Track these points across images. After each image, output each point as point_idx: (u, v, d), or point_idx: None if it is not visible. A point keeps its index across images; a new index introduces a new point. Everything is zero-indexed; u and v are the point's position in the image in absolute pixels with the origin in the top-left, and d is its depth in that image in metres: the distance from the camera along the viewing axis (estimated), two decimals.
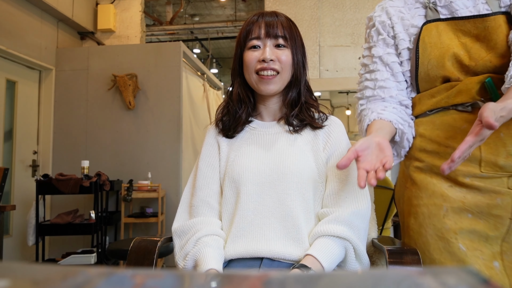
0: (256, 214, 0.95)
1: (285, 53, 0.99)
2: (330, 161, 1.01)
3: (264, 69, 0.98)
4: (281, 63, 0.99)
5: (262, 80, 0.99)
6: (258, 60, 0.99)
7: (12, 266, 0.26)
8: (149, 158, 3.74)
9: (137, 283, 0.23)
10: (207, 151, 1.07)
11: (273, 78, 0.99)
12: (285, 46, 1.00)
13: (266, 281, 0.24)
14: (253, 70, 1.00)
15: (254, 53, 1.00)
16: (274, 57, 0.98)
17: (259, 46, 1.00)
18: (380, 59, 1.08)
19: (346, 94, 8.33)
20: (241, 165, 0.99)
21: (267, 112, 1.07)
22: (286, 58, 0.99)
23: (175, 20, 6.05)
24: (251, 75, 1.01)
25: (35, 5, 3.59)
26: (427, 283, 0.23)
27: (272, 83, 0.99)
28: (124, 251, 2.23)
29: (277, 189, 0.95)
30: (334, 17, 4.60)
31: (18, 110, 3.58)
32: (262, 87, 1.00)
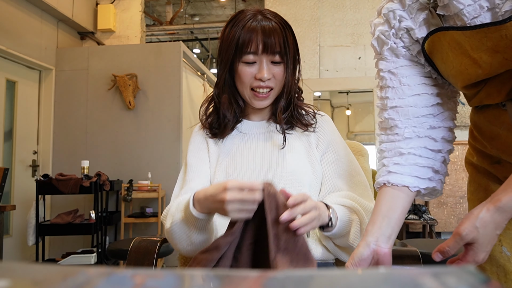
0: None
1: (279, 69, 0.97)
2: (325, 157, 1.01)
3: (260, 87, 0.96)
4: (275, 79, 0.97)
5: (256, 97, 0.98)
6: (255, 78, 0.96)
7: (12, 266, 0.26)
8: (149, 158, 3.74)
9: (137, 283, 0.23)
10: (196, 148, 1.06)
11: (268, 96, 0.98)
12: (280, 62, 0.97)
13: (266, 281, 0.24)
14: (248, 85, 0.97)
15: (250, 69, 0.96)
16: (271, 75, 0.96)
17: (255, 62, 0.96)
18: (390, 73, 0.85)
19: (346, 94, 8.32)
20: (233, 170, 0.98)
21: (255, 114, 1.07)
22: (279, 73, 0.97)
23: (175, 20, 6.05)
24: (245, 90, 0.98)
25: (35, 5, 3.59)
26: (427, 283, 0.23)
27: (266, 100, 0.99)
28: (124, 251, 2.23)
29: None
30: (334, 17, 4.60)
31: (18, 110, 3.58)
32: (256, 103, 0.99)
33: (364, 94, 4.83)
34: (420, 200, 3.98)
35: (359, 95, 7.86)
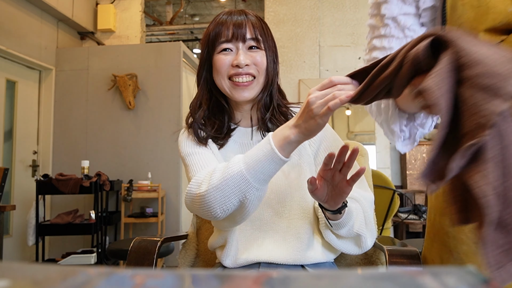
0: (255, 229, 0.93)
1: (259, 54, 0.91)
2: (318, 156, 0.97)
3: (239, 75, 0.89)
4: (257, 66, 0.90)
5: (236, 87, 0.90)
6: (232, 65, 0.89)
7: (12, 266, 0.26)
8: (149, 158, 3.74)
9: (137, 283, 0.23)
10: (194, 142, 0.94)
11: (250, 84, 0.90)
12: (258, 48, 0.91)
13: (266, 281, 0.24)
14: (225, 75, 0.90)
15: (226, 57, 0.90)
16: (249, 61, 0.90)
17: (230, 49, 0.91)
18: (394, 21, 0.77)
19: None
20: None
21: (244, 118, 0.99)
22: (261, 60, 0.91)
23: (175, 20, 6.05)
24: (223, 81, 0.91)
25: (35, 5, 3.59)
26: (427, 283, 0.23)
27: (247, 90, 0.90)
28: (124, 251, 2.23)
29: (272, 203, 0.92)
30: (334, 17, 4.60)
31: (18, 110, 3.58)
32: (237, 95, 0.91)
33: None
34: (420, 200, 3.98)
35: None
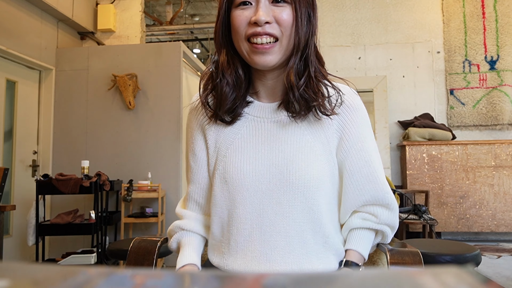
0: (255, 228, 0.79)
1: (285, 11, 0.75)
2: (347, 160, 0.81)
3: (258, 35, 0.74)
4: (280, 25, 0.75)
5: (255, 51, 0.75)
6: (250, 23, 0.75)
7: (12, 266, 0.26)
8: (149, 158, 3.74)
9: (137, 283, 0.23)
10: (193, 140, 0.89)
11: (271, 48, 0.75)
12: (284, 1, 0.75)
13: (266, 282, 0.24)
14: (243, 36, 0.76)
15: (244, 13, 0.75)
16: (270, 18, 0.74)
17: (250, 2, 0.76)
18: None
19: None
20: (235, 165, 0.80)
21: (265, 89, 0.84)
22: (286, 18, 0.75)
23: (175, 20, 6.05)
24: (241, 43, 0.77)
25: (35, 5, 3.59)
26: (427, 283, 0.23)
27: (269, 54, 0.75)
28: (124, 251, 2.23)
29: (280, 199, 0.78)
30: (334, 17, 4.60)
31: (18, 110, 3.58)
32: (256, 60, 0.76)
33: (364, 94, 4.82)
34: (420, 200, 3.98)
35: (359, 95, 7.85)
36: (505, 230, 3.95)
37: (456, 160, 4.06)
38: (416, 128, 4.16)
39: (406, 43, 4.49)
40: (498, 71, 4.31)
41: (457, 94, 4.38)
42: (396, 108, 4.45)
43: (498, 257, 3.42)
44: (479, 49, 4.36)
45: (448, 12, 4.43)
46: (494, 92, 4.30)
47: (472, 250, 1.75)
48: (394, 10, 4.51)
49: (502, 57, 4.31)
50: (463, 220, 4.00)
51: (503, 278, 2.78)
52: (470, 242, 3.82)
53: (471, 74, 4.36)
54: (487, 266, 3.11)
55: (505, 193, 3.97)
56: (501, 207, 3.97)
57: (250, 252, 0.80)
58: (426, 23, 4.48)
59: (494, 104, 4.28)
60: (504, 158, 4.01)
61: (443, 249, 1.78)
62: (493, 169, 4.01)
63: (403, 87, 4.47)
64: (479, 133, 4.34)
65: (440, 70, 4.44)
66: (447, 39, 4.42)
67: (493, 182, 3.99)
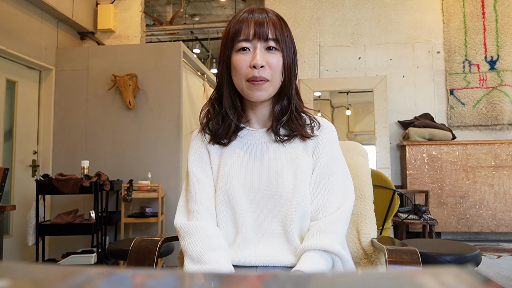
0: (256, 233, 0.94)
1: (276, 57, 0.92)
2: (314, 171, 0.97)
3: (255, 80, 0.92)
4: (271, 69, 0.92)
5: (252, 86, 0.92)
6: (249, 66, 0.91)
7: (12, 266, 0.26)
8: (149, 158, 3.74)
9: (137, 283, 0.23)
10: (197, 156, 1.01)
11: (263, 85, 0.92)
12: (276, 49, 0.93)
13: (266, 281, 0.24)
14: (243, 76, 0.92)
15: (244, 57, 0.92)
16: (265, 63, 0.91)
17: (248, 48, 0.92)
18: None
19: (346, 94, 8.32)
20: (233, 179, 0.95)
21: (256, 119, 1.01)
22: (276, 63, 0.92)
23: (175, 20, 6.05)
24: (241, 82, 0.93)
25: (35, 5, 3.59)
26: (427, 283, 0.23)
27: (262, 90, 0.92)
28: (124, 251, 2.23)
29: (272, 207, 0.93)
30: (334, 17, 4.60)
31: (18, 110, 3.58)
32: (252, 94, 0.93)
33: (364, 94, 4.82)
34: (420, 200, 3.98)
35: (359, 95, 7.85)
36: (505, 230, 3.95)
37: (456, 160, 4.06)
38: (416, 128, 4.16)
39: (406, 43, 4.49)
40: (498, 71, 4.31)
41: (457, 94, 4.38)
42: (396, 108, 4.46)
43: (498, 257, 3.42)
44: (479, 49, 4.36)
45: (448, 12, 4.43)
46: (494, 92, 4.30)
47: (472, 250, 1.75)
48: (394, 10, 4.51)
49: (502, 57, 4.31)
50: (463, 220, 4.00)
51: (503, 278, 2.78)
52: (470, 242, 3.82)
53: (471, 74, 4.36)
54: (487, 266, 3.11)
55: (505, 193, 3.97)
56: (501, 207, 3.97)
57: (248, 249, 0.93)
58: (426, 23, 4.48)
59: (494, 104, 4.28)
60: (504, 158, 4.01)
61: (443, 249, 1.78)
62: (493, 169, 4.01)
63: (403, 87, 4.47)
64: (479, 133, 4.34)
65: (440, 70, 4.44)
66: (447, 39, 4.42)
67: (493, 182, 3.99)
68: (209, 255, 0.87)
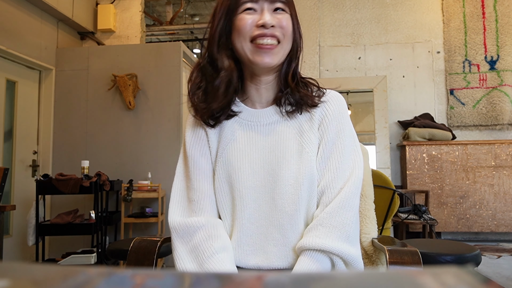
0: (253, 223, 0.86)
1: (285, 17, 0.83)
2: (320, 146, 0.87)
3: (264, 36, 0.81)
4: (282, 29, 0.82)
5: (259, 50, 0.81)
6: (256, 26, 0.81)
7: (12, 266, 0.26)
8: (149, 158, 3.74)
9: (137, 283, 0.23)
10: (195, 138, 0.92)
11: (274, 48, 0.82)
12: (284, 11, 0.84)
13: (266, 281, 0.24)
14: (247, 37, 0.82)
15: (250, 16, 0.81)
16: (275, 23, 0.81)
17: (254, 9, 0.82)
18: None
19: (346, 94, 8.33)
20: (233, 165, 0.87)
21: (258, 95, 0.90)
22: (287, 24, 0.83)
23: (175, 20, 6.05)
24: (244, 44, 0.82)
25: (35, 5, 3.59)
26: (427, 283, 0.23)
27: (272, 54, 0.82)
28: (124, 251, 2.23)
29: (273, 194, 0.85)
30: (334, 17, 4.60)
31: (18, 110, 3.58)
32: (259, 59, 0.82)
33: (364, 94, 4.82)
34: (420, 200, 3.98)
35: (359, 95, 7.86)
36: (505, 230, 3.95)
37: (456, 160, 4.06)
38: (416, 128, 4.16)
39: (406, 43, 4.49)
40: (498, 71, 4.31)
41: (457, 94, 4.38)
42: (396, 108, 4.45)
43: (498, 257, 3.42)
44: (479, 49, 4.36)
45: (448, 12, 4.43)
46: (494, 92, 4.30)
47: (472, 250, 1.75)
48: (394, 10, 4.51)
49: (502, 57, 4.31)
50: (463, 220, 4.00)
51: (503, 278, 2.78)
52: (470, 242, 3.82)
53: (471, 74, 4.36)
54: (487, 266, 3.11)
55: (505, 193, 3.97)
56: (501, 207, 3.97)
57: (248, 246, 0.86)
58: (426, 23, 4.48)
59: (494, 104, 4.28)
60: (504, 158, 4.01)
61: (443, 249, 1.78)
62: (493, 169, 4.01)
63: (403, 87, 4.47)
64: (479, 133, 4.34)
65: (440, 70, 4.44)
66: (447, 39, 4.42)
67: (493, 182, 3.99)
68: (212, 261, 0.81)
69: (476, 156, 4.04)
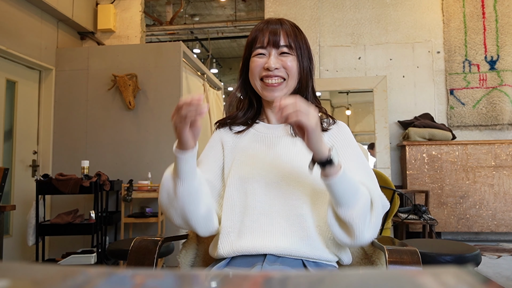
0: (262, 213, 0.95)
1: (289, 59, 1.00)
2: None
3: (269, 77, 0.99)
4: (286, 70, 1.00)
5: (266, 88, 1.01)
6: (263, 68, 1.00)
7: (12, 266, 0.26)
8: (149, 158, 3.74)
9: (137, 283, 0.23)
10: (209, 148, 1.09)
11: (279, 86, 1.00)
12: (289, 54, 1.01)
13: (266, 281, 0.24)
14: (257, 76, 1.01)
15: (260, 60, 1.01)
16: (279, 65, 0.99)
17: (264, 54, 1.01)
18: None
19: (346, 94, 8.32)
20: (249, 165, 1.00)
21: (272, 115, 1.08)
22: (291, 65, 1.00)
23: (175, 20, 6.05)
24: (256, 81, 1.02)
25: (35, 5, 3.59)
26: (427, 283, 0.23)
27: (277, 91, 1.00)
28: (124, 251, 2.23)
29: (282, 189, 0.96)
30: (334, 17, 4.60)
31: (18, 110, 3.58)
32: (267, 94, 1.01)
33: (364, 94, 4.83)
34: (420, 200, 3.98)
35: (359, 95, 7.86)
36: (505, 230, 3.95)
37: (456, 160, 4.06)
38: (416, 128, 4.16)
39: (406, 43, 4.49)
40: (498, 71, 4.31)
41: (457, 94, 4.38)
42: (396, 108, 4.45)
43: (498, 257, 3.42)
44: (479, 49, 4.36)
45: (448, 12, 4.43)
46: (494, 92, 4.30)
47: (472, 250, 1.75)
48: (394, 10, 4.51)
49: (502, 57, 4.31)
50: (463, 220, 4.00)
51: (503, 278, 2.78)
52: (470, 242, 3.82)
53: (471, 74, 4.36)
54: (487, 266, 3.11)
55: (505, 193, 3.97)
56: (501, 207, 3.97)
57: (257, 232, 0.94)
58: (426, 23, 4.48)
59: (494, 104, 4.28)
60: (504, 158, 4.01)
61: (443, 249, 1.78)
62: (493, 169, 4.01)
63: (403, 87, 4.47)
64: (479, 133, 4.34)
65: (440, 70, 4.44)
66: (447, 39, 4.42)
67: (493, 182, 3.99)
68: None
69: (476, 156, 4.04)
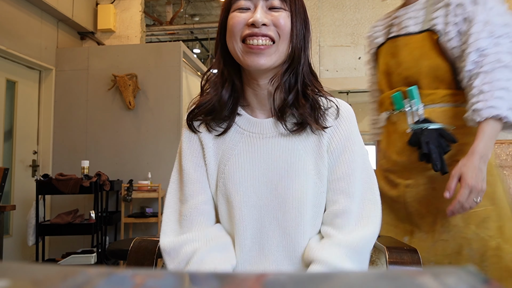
0: (255, 243, 0.80)
1: (282, 15, 0.75)
2: (335, 171, 0.80)
3: (254, 36, 0.73)
4: (278, 28, 0.74)
5: (249, 51, 0.74)
6: (247, 24, 0.74)
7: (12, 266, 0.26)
8: (149, 158, 3.74)
9: (137, 283, 0.23)
10: (189, 150, 0.86)
11: (266, 49, 0.74)
12: (282, 8, 0.75)
13: (266, 281, 0.24)
14: (238, 36, 0.75)
15: (241, 15, 0.75)
16: (268, 21, 0.74)
17: (247, 7, 0.75)
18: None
19: (346, 94, 8.33)
20: (234, 182, 0.80)
21: (257, 101, 0.82)
22: (284, 22, 0.74)
23: (175, 20, 6.05)
24: (235, 44, 0.75)
25: (35, 5, 3.59)
26: (427, 283, 0.23)
27: (263, 55, 0.74)
28: (124, 251, 2.23)
29: (277, 215, 0.79)
30: (334, 17, 4.60)
31: (18, 110, 3.58)
32: (250, 60, 0.74)
33: (364, 94, 4.83)
34: None
35: (359, 95, 7.86)
36: None
37: None
38: None
39: None
40: None
41: None
42: None
43: None
44: None
45: None
46: None
47: None
48: None
49: None
50: None
51: None
52: None
53: None
54: None
55: None
56: None
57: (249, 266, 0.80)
58: None
59: None
60: (504, 158, 4.01)
61: None
62: None
63: None
64: None
65: None
66: None
67: None
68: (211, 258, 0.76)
69: None
